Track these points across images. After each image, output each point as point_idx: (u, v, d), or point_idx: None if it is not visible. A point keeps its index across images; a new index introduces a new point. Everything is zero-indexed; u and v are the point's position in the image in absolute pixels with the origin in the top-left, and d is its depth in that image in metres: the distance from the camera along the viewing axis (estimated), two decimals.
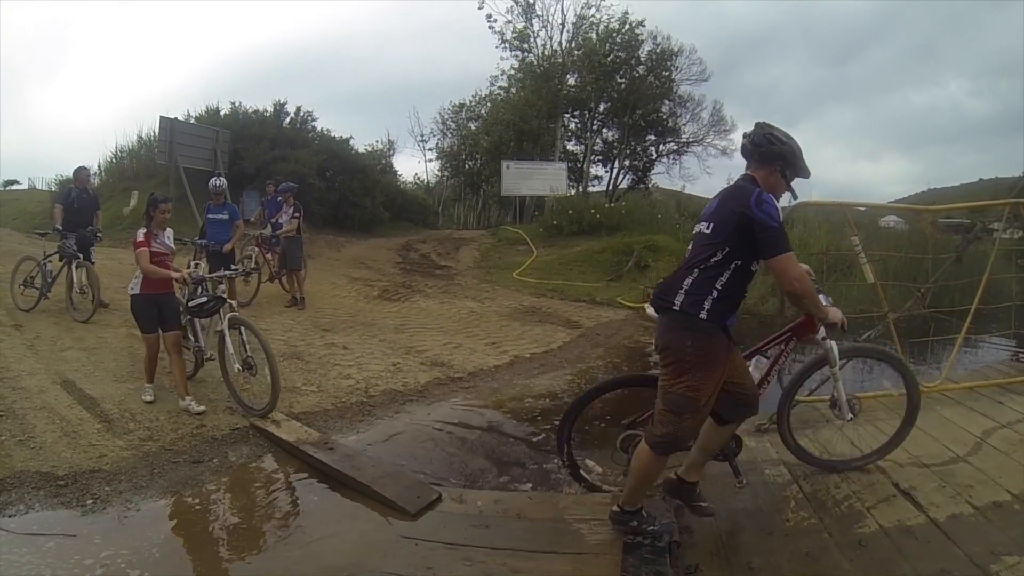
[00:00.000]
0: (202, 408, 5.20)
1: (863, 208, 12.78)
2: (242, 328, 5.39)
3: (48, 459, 4.20)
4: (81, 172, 9.08)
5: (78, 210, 8.58)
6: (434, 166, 28.54)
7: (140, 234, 5.26)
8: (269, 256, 10.26)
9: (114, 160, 19.49)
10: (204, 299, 5.40)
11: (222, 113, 19.88)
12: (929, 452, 3.95)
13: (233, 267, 7.18)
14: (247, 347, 5.33)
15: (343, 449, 4.58)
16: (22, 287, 8.32)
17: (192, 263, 7.23)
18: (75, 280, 8.03)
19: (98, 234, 8.76)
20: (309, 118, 20.79)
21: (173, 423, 4.96)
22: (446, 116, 28.44)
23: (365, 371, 6.78)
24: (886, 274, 7.38)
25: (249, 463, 4.52)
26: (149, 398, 5.33)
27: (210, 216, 8.83)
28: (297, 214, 10.04)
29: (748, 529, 3.55)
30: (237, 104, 20.27)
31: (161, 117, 16.69)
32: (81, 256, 8.12)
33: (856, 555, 3.15)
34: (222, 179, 9.29)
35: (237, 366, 5.29)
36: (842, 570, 3.05)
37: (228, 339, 5.34)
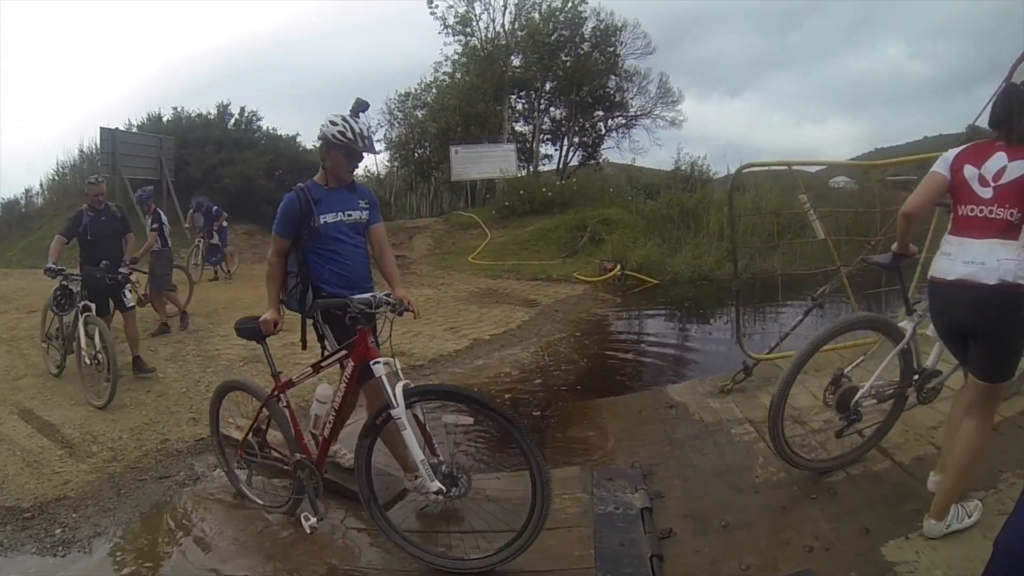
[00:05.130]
0: None
1: (813, 170, 12.94)
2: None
3: (12, 492, 3.99)
4: (91, 187, 6.32)
5: (93, 243, 6.11)
6: (383, 157, 28.08)
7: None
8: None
9: (56, 177, 19.03)
10: None
11: (165, 119, 19.56)
12: None
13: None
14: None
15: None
16: (46, 343, 6.45)
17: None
18: (83, 343, 5.54)
19: (120, 271, 6.05)
20: (254, 118, 20.54)
21: (136, 440, 4.76)
22: (392, 106, 27.89)
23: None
24: (839, 231, 7.44)
25: (216, 471, 4.30)
26: None
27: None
28: (156, 225, 7.89)
29: (719, 489, 3.55)
30: (179, 109, 19.96)
31: (101, 128, 16.23)
32: (93, 307, 5.72)
33: (827, 504, 3.18)
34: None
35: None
36: (814, 520, 3.07)
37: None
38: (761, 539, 3.02)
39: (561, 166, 26.15)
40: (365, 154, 3.48)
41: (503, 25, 24.26)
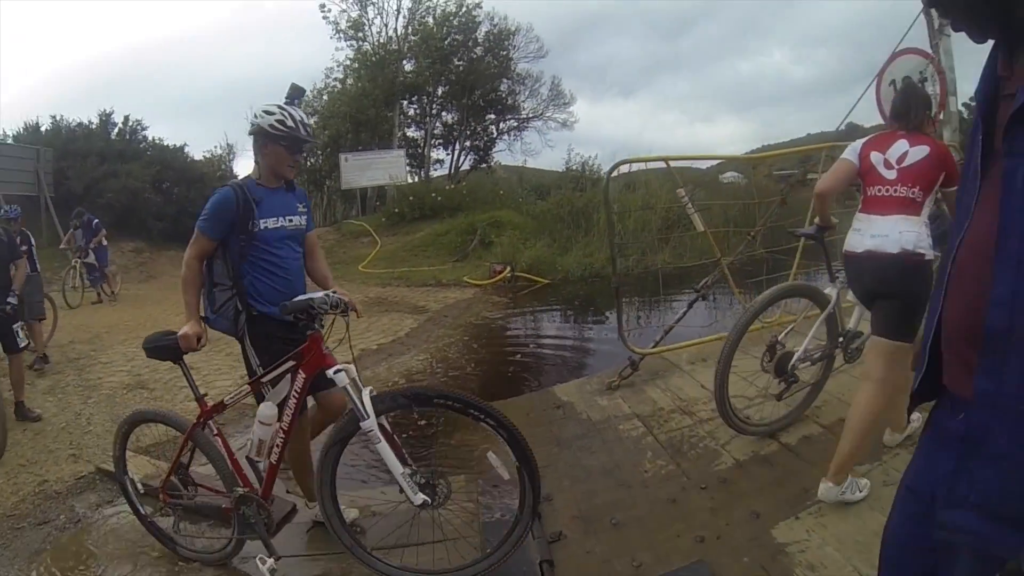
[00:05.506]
0: None
1: (705, 166, 13.26)
2: None
3: None
4: None
5: None
6: None
7: None
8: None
9: None
10: None
11: (43, 129, 18.38)
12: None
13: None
14: None
15: (194, 477, 4.03)
16: None
17: None
18: None
19: (9, 301, 5.29)
20: (139, 127, 19.54)
21: (12, 484, 4.24)
22: None
23: (213, 388, 6.18)
24: (728, 223, 7.64)
25: (98, 512, 3.91)
26: None
27: None
28: (24, 247, 6.87)
29: (608, 487, 3.49)
30: (59, 118, 18.75)
31: None
32: None
33: (716, 492, 3.17)
34: None
35: None
36: (704, 509, 3.07)
37: None
38: (652, 534, 2.96)
39: (453, 170, 26.23)
40: (306, 145, 3.07)
41: (395, 30, 24.14)
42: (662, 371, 5.04)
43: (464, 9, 24.07)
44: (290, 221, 3.01)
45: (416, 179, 23.35)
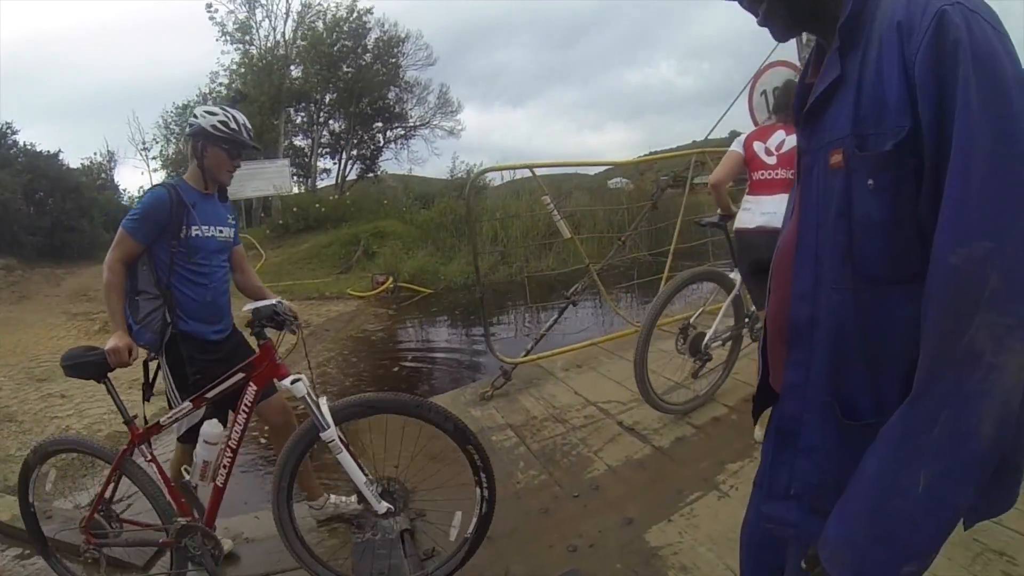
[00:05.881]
0: None
1: (593, 172, 13.36)
2: None
3: None
4: None
5: None
6: (160, 176, 25.73)
7: None
8: None
9: None
10: None
11: None
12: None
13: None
14: None
15: (64, 514, 3.60)
16: None
17: None
18: None
19: None
20: (8, 131, 18.09)
21: None
22: (169, 119, 25.68)
23: (87, 418, 5.79)
24: (612, 228, 7.71)
25: None
26: None
27: None
28: None
29: None
30: None
31: None
32: None
33: (589, 500, 3.14)
34: None
35: None
36: (577, 518, 3.00)
37: None
38: (525, 545, 2.88)
39: (339, 180, 25.71)
40: (246, 150, 2.83)
41: (284, 34, 23.57)
42: (536, 379, 5.00)
43: (355, 14, 23.76)
44: (220, 232, 2.80)
45: (303, 189, 22.70)
